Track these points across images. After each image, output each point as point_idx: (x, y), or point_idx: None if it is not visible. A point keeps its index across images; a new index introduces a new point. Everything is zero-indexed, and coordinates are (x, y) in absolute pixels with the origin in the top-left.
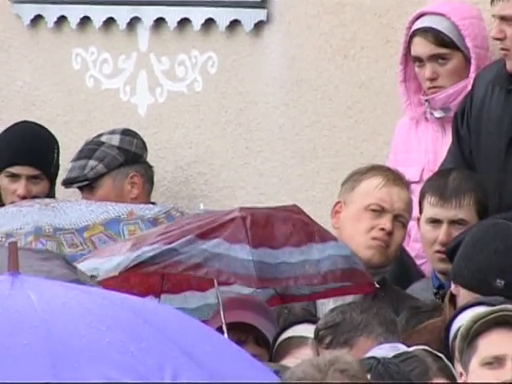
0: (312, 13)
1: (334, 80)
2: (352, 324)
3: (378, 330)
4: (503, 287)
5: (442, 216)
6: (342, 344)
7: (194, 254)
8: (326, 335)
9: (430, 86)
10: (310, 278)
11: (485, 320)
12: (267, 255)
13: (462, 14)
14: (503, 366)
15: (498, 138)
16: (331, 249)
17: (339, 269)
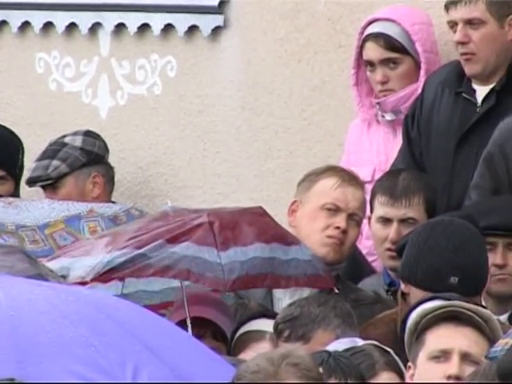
0: (267, 18)
1: (288, 83)
2: (310, 317)
3: (335, 323)
4: (457, 284)
5: (392, 215)
6: (301, 337)
7: (163, 257)
8: (285, 328)
9: (381, 90)
10: (276, 280)
11: (432, 315)
12: (235, 257)
13: (412, 19)
14: (450, 360)
15: (448, 139)
16: (295, 252)
17: (304, 274)
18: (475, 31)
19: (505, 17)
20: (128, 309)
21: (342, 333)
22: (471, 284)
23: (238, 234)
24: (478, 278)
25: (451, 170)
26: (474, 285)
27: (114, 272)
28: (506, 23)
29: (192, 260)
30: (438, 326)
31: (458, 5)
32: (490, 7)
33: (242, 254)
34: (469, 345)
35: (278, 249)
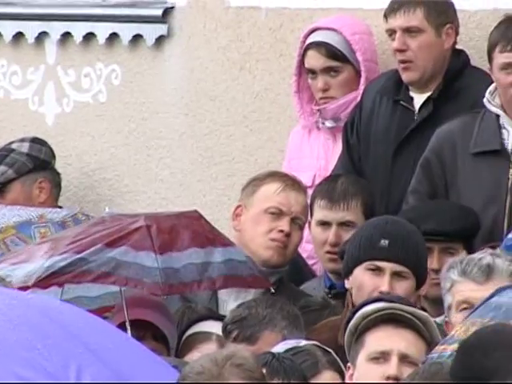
0: (210, 28)
1: (230, 91)
2: (257, 318)
3: (282, 324)
4: (387, 247)
5: (330, 218)
6: (248, 337)
7: (102, 263)
8: (233, 329)
9: (322, 97)
10: (213, 282)
11: (372, 317)
12: (172, 260)
13: (352, 29)
14: (388, 361)
15: (386, 146)
16: (230, 254)
17: (240, 275)
18: (413, 39)
19: (442, 26)
20: (71, 312)
21: (289, 334)
22: (401, 249)
23: (174, 239)
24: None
25: (389, 175)
26: (405, 251)
27: (55, 276)
28: (443, 32)
29: (130, 266)
30: (378, 328)
31: (397, 13)
32: (428, 16)
33: (177, 260)
34: (407, 346)
35: (213, 252)
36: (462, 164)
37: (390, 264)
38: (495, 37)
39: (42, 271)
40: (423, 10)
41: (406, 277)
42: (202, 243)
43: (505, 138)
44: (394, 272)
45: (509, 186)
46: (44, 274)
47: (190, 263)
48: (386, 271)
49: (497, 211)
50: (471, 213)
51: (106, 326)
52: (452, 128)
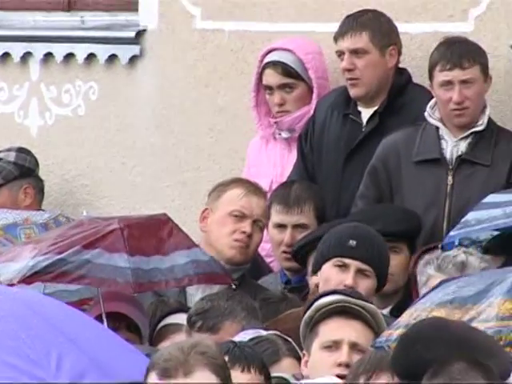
0: (178, 48)
1: (197, 105)
2: (219, 310)
3: (241, 315)
4: (355, 247)
5: (286, 221)
6: (211, 328)
7: (79, 266)
8: (197, 320)
9: (279, 111)
10: (179, 281)
11: (325, 309)
12: (142, 262)
13: (305, 49)
14: (340, 349)
15: (337, 155)
16: (194, 255)
17: (203, 273)
18: (359, 59)
19: (386, 47)
20: (52, 305)
21: (248, 324)
22: (367, 250)
23: (143, 242)
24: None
25: (340, 182)
26: (370, 252)
27: (37, 276)
28: (386, 53)
29: (104, 268)
30: (330, 319)
31: (345, 36)
32: (373, 39)
33: (145, 263)
34: (357, 336)
35: (178, 255)
36: (406, 171)
37: (356, 262)
38: (435, 57)
39: (26, 270)
40: (368, 33)
41: (369, 276)
42: (169, 245)
43: (444, 147)
44: (358, 269)
45: (447, 191)
46: (29, 272)
47: (154, 270)
48: (351, 268)
49: (437, 214)
50: (414, 216)
51: (83, 317)
52: (396, 138)
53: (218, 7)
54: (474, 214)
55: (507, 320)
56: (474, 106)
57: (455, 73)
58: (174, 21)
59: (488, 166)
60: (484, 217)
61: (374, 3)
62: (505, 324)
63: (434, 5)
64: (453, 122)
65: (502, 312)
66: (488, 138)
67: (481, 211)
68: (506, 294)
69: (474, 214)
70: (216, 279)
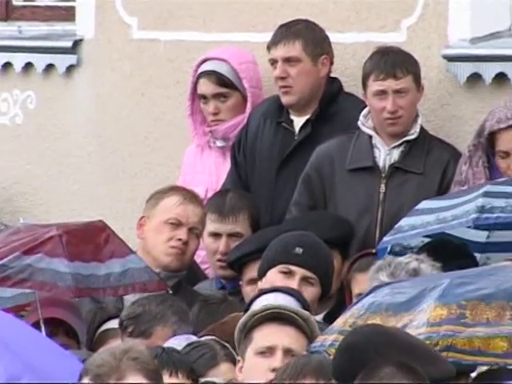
0: (115, 58)
1: (133, 114)
2: (150, 315)
3: (172, 320)
4: (301, 254)
5: (221, 230)
6: (143, 332)
7: (20, 270)
8: (129, 325)
9: (213, 120)
10: (115, 290)
11: (259, 315)
12: (81, 268)
13: (240, 59)
14: (274, 355)
15: (270, 163)
16: (129, 263)
17: (138, 282)
18: (292, 68)
19: (318, 57)
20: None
21: (179, 328)
22: (313, 258)
23: (81, 248)
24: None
25: (274, 190)
26: (316, 260)
27: None
28: (319, 62)
29: (45, 272)
30: (264, 325)
31: (279, 45)
32: (306, 48)
33: (84, 269)
34: (291, 342)
35: (115, 263)
36: (339, 179)
37: (302, 269)
38: (369, 66)
39: None
40: (301, 42)
41: (314, 284)
42: (105, 252)
43: (377, 156)
44: (303, 277)
45: (380, 199)
46: None
47: (94, 274)
48: (297, 275)
49: (370, 222)
50: (347, 223)
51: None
52: (330, 146)
53: (153, 17)
54: (408, 219)
55: (437, 326)
56: (407, 115)
57: (389, 82)
58: (111, 31)
59: (420, 174)
60: (417, 223)
61: (307, 13)
62: (434, 330)
63: (367, 15)
64: (386, 130)
65: (432, 318)
66: (420, 146)
67: (414, 217)
68: (437, 299)
69: (407, 220)
70: (151, 287)
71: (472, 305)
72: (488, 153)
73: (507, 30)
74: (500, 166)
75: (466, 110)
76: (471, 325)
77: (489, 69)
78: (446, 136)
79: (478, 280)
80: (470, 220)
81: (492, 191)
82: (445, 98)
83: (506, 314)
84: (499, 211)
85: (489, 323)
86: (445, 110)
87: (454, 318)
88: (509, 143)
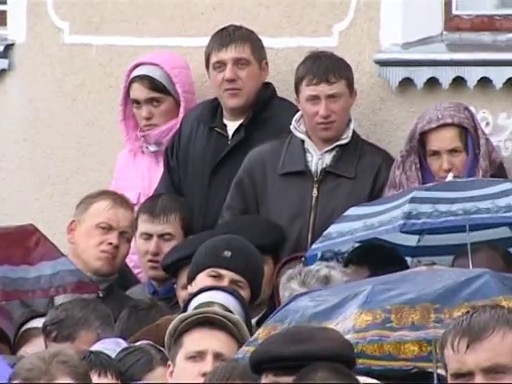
0: (46, 62)
1: (65, 119)
2: (74, 319)
3: (96, 324)
4: (230, 257)
5: (152, 231)
6: (67, 337)
7: None
8: (53, 330)
9: (146, 124)
10: (46, 291)
11: (189, 320)
12: (9, 271)
13: (172, 63)
14: (204, 360)
15: (203, 168)
16: (60, 266)
17: (69, 283)
18: (242, 70)
19: (261, 61)
20: None
21: (103, 332)
22: (242, 261)
23: (10, 252)
24: (252, 264)
25: (207, 194)
26: (245, 264)
27: None
28: (261, 67)
29: None
30: (194, 330)
31: (229, 47)
32: (254, 51)
33: (12, 272)
34: (221, 346)
35: (45, 265)
36: (271, 183)
37: (230, 273)
38: (302, 71)
39: None
40: (250, 45)
41: (243, 287)
42: (35, 255)
43: (309, 160)
44: (232, 280)
45: (312, 203)
46: None
47: (23, 277)
48: (226, 278)
49: (302, 226)
50: (278, 228)
51: None
52: (262, 151)
53: (85, 22)
54: (336, 226)
55: (363, 332)
56: (339, 119)
57: (322, 87)
58: (43, 35)
59: (352, 179)
60: (345, 229)
61: (239, 18)
62: (361, 336)
63: (299, 20)
64: (318, 135)
65: (358, 324)
66: (352, 151)
67: (342, 224)
68: (361, 306)
69: (335, 227)
70: (82, 289)
71: (396, 309)
72: (420, 155)
73: (439, 35)
74: (432, 166)
75: (397, 114)
76: (397, 328)
77: (420, 74)
78: (377, 140)
79: (400, 285)
80: (397, 226)
81: (419, 197)
82: (377, 102)
83: (431, 317)
84: (426, 217)
85: (414, 326)
86: (376, 115)
87: (380, 323)
88: (440, 143)
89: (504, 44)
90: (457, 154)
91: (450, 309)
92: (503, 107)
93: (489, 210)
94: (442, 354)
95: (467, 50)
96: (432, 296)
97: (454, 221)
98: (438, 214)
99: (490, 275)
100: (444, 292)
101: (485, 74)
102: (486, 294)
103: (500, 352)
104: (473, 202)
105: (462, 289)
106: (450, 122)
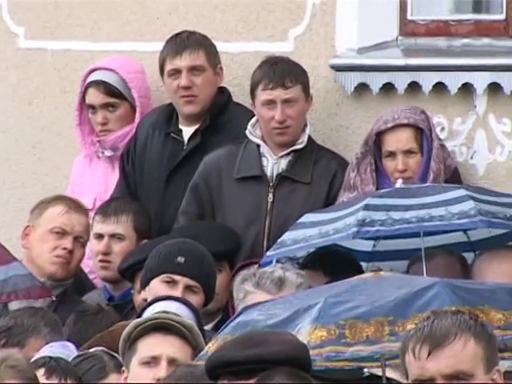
0: (2, 67)
1: (20, 124)
2: (23, 327)
3: (45, 331)
4: (184, 263)
5: (103, 231)
6: (16, 345)
7: None
8: (2, 338)
9: (102, 130)
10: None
11: (143, 326)
12: None
13: (128, 69)
14: (158, 365)
15: (159, 173)
16: (12, 271)
17: (22, 288)
18: (197, 77)
19: (215, 66)
20: None
21: (51, 339)
22: (196, 266)
23: None
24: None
25: (162, 199)
26: (198, 268)
27: None
28: (216, 72)
29: None
30: (148, 336)
31: (184, 54)
32: (208, 57)
33: None
34: (175, 351)
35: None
36: (227, 188)
37: (185, 278)
38: (258, 76)
39: None
40: (204, 51)
41: (197, 292)
42: None
43: (265, 165)
44: (186, 286)
45: (268, 208)
46: None
47: None
48: (180, 284)
49: (257, 231)
50: (234, 234)
51: None
52: (218, 156)
53: (40, 26)
54: (290, 233)
55: (319, 348)
56: (295, 124)
57: (278, 92)
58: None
59: (308, 184)
60: (300, 237)
61: (195, 22)
62: (317, 352)
63: (255, 24)
64: (274, 140)
65: (313, 340)
66: (308, 156)
67: (296, 231)
68: (314, 320)
69: (289, 234)
70: (35, 294)
71: (350, 324)
72: (376, 157)
73: (394, 40)
74: (387, 168)
75: (353, 119)
76: (352, 344)
77: (376, 79)
78: (333, 145)
79: (352, 297)
80: (351, 234)
81: (372, 204)
82: (332, 107)
83: (385, 330)
84: (379, 224)
85: (369, 339)
86: (332, 120)
87: (335, 339)
88: (394, 143)
89: (459, 49)
90: (412, 155)
91: (403, 321)
92: (458, 112)
93: (442, 218)
94: (403, 359)
95: (422, 55)
96: (385, 309)
97: (407, 228)
98: (391, 222)
99: (440, 285)
100: (396, 304)
101: (440, 79)
102: (438, 304)
103: (462, 359)
104: (426, 209)
105: (415, 300)
106: (406, 122)
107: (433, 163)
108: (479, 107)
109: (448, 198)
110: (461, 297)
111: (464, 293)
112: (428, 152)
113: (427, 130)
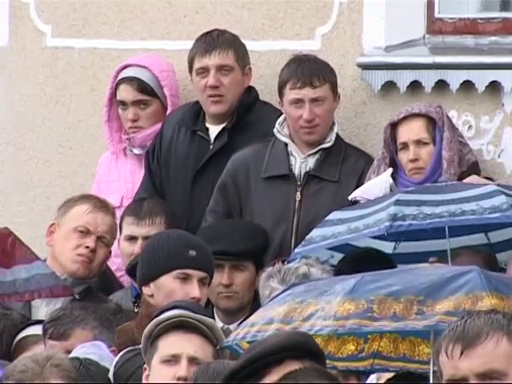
0: (29, 65)
1: (47, 122)
2: (70, 317)
3: (93, 324)
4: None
5: (137, 233)
6: (62, 334)
7: None
8: (49, 327)
9: (131, 127)
10: (21, 295)
11: (164, 324)
12: None
13: (161, 67)
14: (179, 363)
15: (185, 172)
16: (36, 268)
17: (44, 287)
18: (225, 77)
19: (244, 66)
20: None
21: (100, 333)
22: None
23: None
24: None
25: (189, 198)
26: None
27: None
28: (245, 72)
29: None
30: (169, 334)
31: (213, 53)
32: (238, 57)
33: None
34: (196, 350)
35: (20, 269)
36: (255, 187)
37: (198, 272)
38: (286, 75)
39: None
40: (234, 51)
41: (206, 283)
42: (10, 259)
43: (292, 164)
44: (200, 279)
45: (296, 207)
46: None
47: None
48: (194, 278)
49: (285, 230)
50: (261, 232)
51: None
52: (246, 154)
53: (68, 25)
54: (318, 230)
55: (343, 319)
56: (323, 123)
57: (306, 91)
58: (25, 38)
59: (335, 182)
60: (328, 233)
61: (222, 21)
62: (341, 323)
63: (282, 23)
64: (302, 138)
65: (340, 312)
66: (336, 154)
67: (325, 228)
68: (346, 294)
69: (317, 231)
70: (57, 292)
71: (380, 300)
72: (392, 152)
73: (421, 39)
74: (401, 161)
75: (380, 117)
76: (378, 318)
77: (403, 77)
78: (360, 144)
79: (388, 277)
80: (383, 228)
81: (403, 199)
82: (359, 106)
83: (413, 309)
84: (411, 219)
85: (395, 316)
86: (359, 118)
87: (361, 312)
88: (406, 134)
89: (486, 47)
90: (424, 145)
91: (433, 302)
92: (486, 110)
93: (474, 212)
94: (437, 360)
95: (450, 54)
96: (417, 289)
97: (439, 222)
98: (423, 216)
99: (477, 271)
100: (429, 285)
101: (467, 77)
102: (469, 288)
103: (494, 357)
104: (457, 203)
105: (448, 283)
106: (418, 111)
107: (444, 152)
108: (507, 105)
109: (479, 192)
110: (494, 285)
111: (498, 283)
112: (440, 143)
113: (439, 121)
